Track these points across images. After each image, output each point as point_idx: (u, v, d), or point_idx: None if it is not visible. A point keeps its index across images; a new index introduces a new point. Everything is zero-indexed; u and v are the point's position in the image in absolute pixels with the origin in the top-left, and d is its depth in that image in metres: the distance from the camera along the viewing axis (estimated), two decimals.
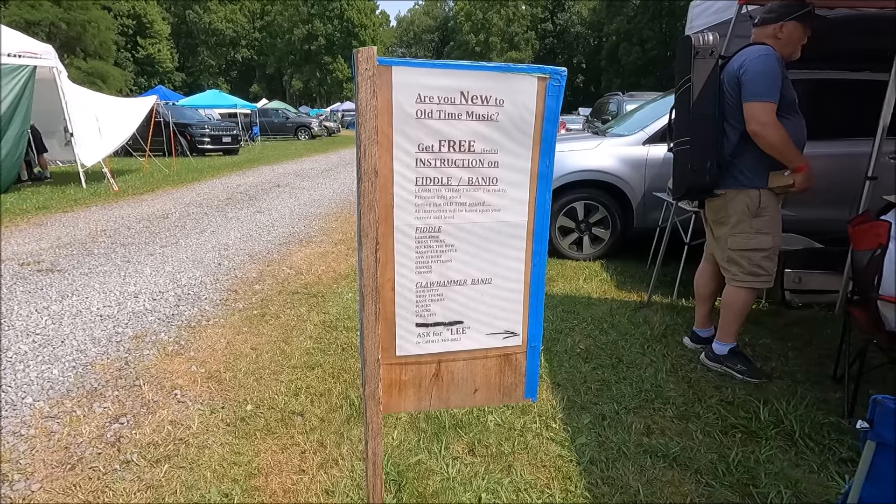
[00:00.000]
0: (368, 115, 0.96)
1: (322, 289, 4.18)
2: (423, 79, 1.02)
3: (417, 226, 1.10)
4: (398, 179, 1.06)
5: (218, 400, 2.59)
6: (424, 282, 1.14)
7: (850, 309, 2.54)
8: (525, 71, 1.06)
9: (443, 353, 1.18)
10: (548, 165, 1.12)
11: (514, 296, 1.19)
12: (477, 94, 1.05)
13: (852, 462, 2.10)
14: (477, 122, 1.07)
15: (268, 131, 24.04)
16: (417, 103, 1.04)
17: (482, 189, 1.11)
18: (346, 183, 10.44)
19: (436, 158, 1.08)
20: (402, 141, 1.05)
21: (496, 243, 1.15)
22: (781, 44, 2.52)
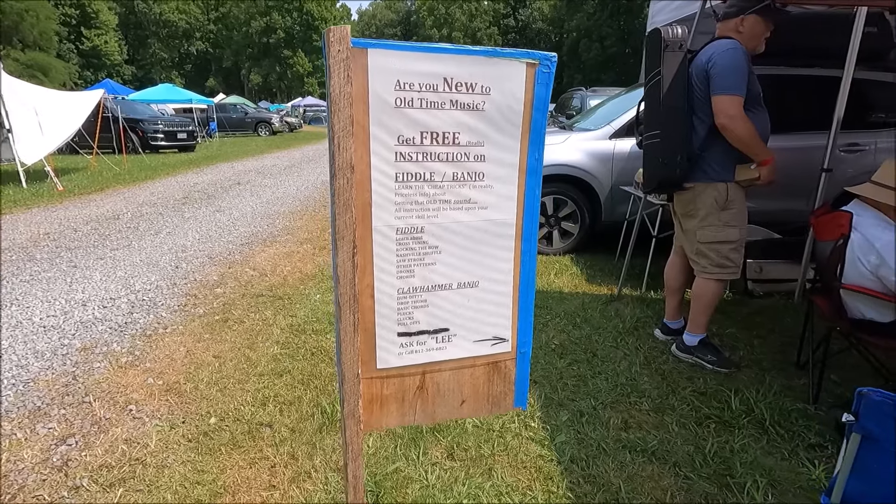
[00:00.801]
0: (342, 103, 0.86)
1: (288, 290, 4.00)
2: (403, 63, 0.92)
3: (398, 226, 1.01)
4: (376, 175, 0.96)
5: (178, 414, 2.42)
6: (406, 287, 1.04)
7: (813, 297, 2.59)
8: (513, 56, 0.97)
9: (427, 364, 1.09)
10: (537, 159, 1.04)
11: (502, 299, 1.11)
12: (462, 80, 0.96)
13: (820, 447, 2.15)
14: (461, 112, 0.98)
15: (226, 127, 23.20)
16: (396, 90, 0.94)
17: (468, 185, 1.03)
18: (309, 180, 10.15)
19: (417, 152, 0.98)
20: (379, 132, 0.95)
21: (483, 244, 1.07)
22: (745, 38, 2.54)
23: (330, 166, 0.88)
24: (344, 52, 0.83)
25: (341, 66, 0.84)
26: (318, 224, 6.30)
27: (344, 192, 0.89)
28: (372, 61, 0.90)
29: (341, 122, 0.86)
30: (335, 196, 0.89)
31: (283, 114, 28.50)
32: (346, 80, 0.85)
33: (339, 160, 0.87)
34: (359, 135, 0.92)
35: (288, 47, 53.88)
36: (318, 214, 6.84)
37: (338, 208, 0.90)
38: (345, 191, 0.89)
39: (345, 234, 0.91)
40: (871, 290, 2.12)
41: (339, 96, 0.85)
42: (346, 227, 0.91)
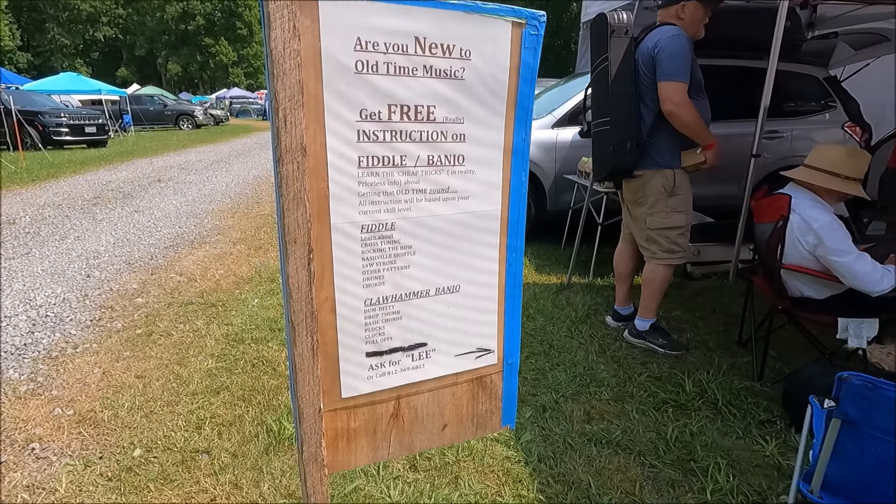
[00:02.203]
0: (288, 63, 0.65)
1: (222, 296, 3.63)
2: (364, 16, 0.72)
3: (363, 223, 0.81)
4: (334, 160, 0.76)
5: (94, 449, 2.07)
6: (375, 297, 0.85)
7: (753, 278, 2.67)
8: (497, 13, 0.80)
9: (403, 387, 0.90)
10: (524, 139, 0.88)
11: (487, 304, 0.95)
12: (437, 41, 0.78)
13: (770, 423, 2.20)
14: (437, 81, 0.80)
15: (142, 120, 21.40)
16: (357, 51, 0.74)
17: (445, 170, 0.85)
18: (240, 175, 9.50)
19: (384, 130, 0.79)
20: (336, 105, 0.74)
21: (465, 240, 0.90)
22: (686, 24, 2.55)
23: (274, 148, 0.67)
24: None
25: (285, 13, 0.63)
26: (252, 222, 5.85)
27: (294, 180, 0.69)
28: (325, 12, 0.69)
29: (287, 90, 0.65)
30: (282, 186, 0.68)
31: (208, 106, 26.73)
32: (291, 32, 0.64)
33: (286, 139, 0.66)
34: (310, 106, 0.71)
35: (209, 35, 50.60)
36: (251, 212, 6.37)
37: (286, 202, 0.69)
38: (295, 179, 0.69)
39: (297, 235, 0.70)
40: (810, 269, 2.17)
41: (284, 54, 0.64)
42: (299, 227, 0.70)
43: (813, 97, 4.57)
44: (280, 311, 3.22)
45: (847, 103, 4.49)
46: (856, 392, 1.39)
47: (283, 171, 0.68)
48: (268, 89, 0.68)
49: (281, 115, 0.66)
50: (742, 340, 2.97)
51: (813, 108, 4.57)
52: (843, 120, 4.47)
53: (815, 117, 4.52)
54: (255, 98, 36.40)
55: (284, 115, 0.66)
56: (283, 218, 0.70)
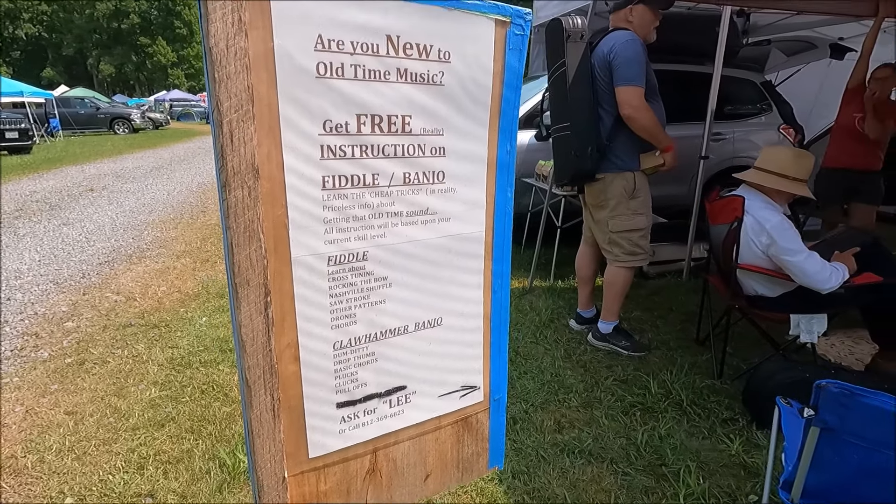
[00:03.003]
0: (232, 65, 0.52)
1: (165, 316, 3.35)
2: (327, 9, 0.60)
3: (330, 254, 0.69)
4: (293, 181, 0.63)
5: (16, 499, 1.81)
6: (346, 339, 0.73)
7: (708, 278, 2.72)
8: (480, 9, 0.70)
9: (380, 438, 0.78)
10: (508, 151, 0.78)
11: (472, 337, 0.84)
12: (412, 41, 0.66)
13: (732, 421, 2.23)
14: (413, 86, 0.69)
15: (72, 124, 19.93)
16: (319, 51, 0.61)
17: (424, 189, 0.73)
18: (183, 182, 8.97)
19: (353, 144, 0.67)
20: (295, 115, 0.62)
21: (446, 267, 0.79)
22: (635, 27, 2.57)
23: (218, 171, 0.54)
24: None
25: (227, 3, 0.50)
26: (198, 233, 5.49)
27: (245, 209, 0.55)
28: (278, 3, 0.57)
29: (234, 98, 0.52)
30: (230, 217, 0.55)
31: (146, 109, 25.29)
32: (236, 26, 0.51)
33: (233, 159, 0.53)
34: (262, 118, 0.58)
35: (145, 34, 47.98)
36: (196, 222, 5.99)
37: (236, 236, 0.56)
38: (246, 208, 0.55)
39: (249, 275, 0.57)
40: (764, 269, 2.22)
41: (227, 54, 0.51)
42: (252, 266, 0.57)
43: (751, 101, 4.77)
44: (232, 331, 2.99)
45: (781, 106, 4.72)
46: (834, 399, 1.38)
47: (231, 198, 0.54)
48: (208, 97, 0.55)
49: (226, 130, 0.53)
50: (700, 338, 3.02)
51: (751, 111, 4.77)
52: (778, 122, 4.68)
53: (754, 120, 4.72)
54: (198, 100, 34.84)
55: (230, 130, 0.53)
56: (231, 255, 0.56)
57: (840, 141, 3.41)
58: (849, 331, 2.86)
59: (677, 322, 3.31)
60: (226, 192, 0.55)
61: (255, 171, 0.57)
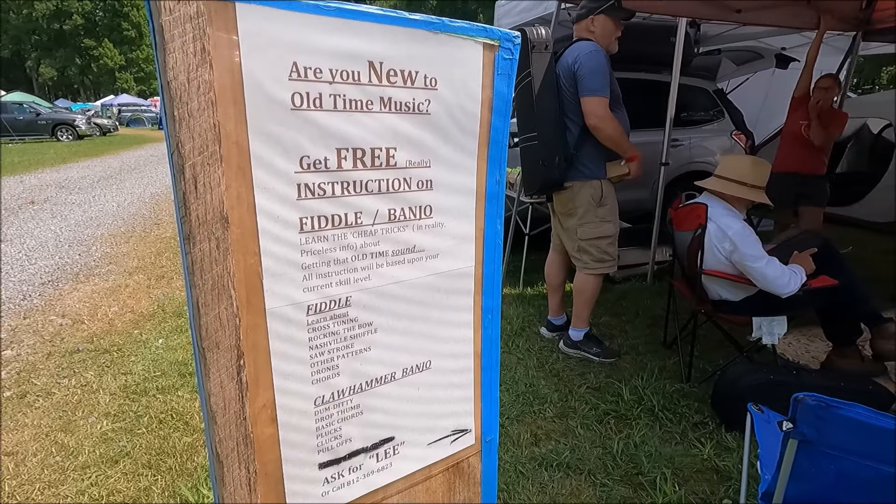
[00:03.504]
0: (195, 101, 0.45)
1: (117, 339, 3.13)
2: (303, 33, 0.54)
3: (310, 302, 0.62)
4: (267, 226, 0.56)
5: None
6: (329, 393, 0.66)
7: (674, 283, 2.77)
8: (467, 32, 0.65)
9: (367, 495, 0.71)
10: (498, 181, 0.73)
11: (462, 378, 0.79)
12: (397, 67, 0.61)
13: (703, 425, 2.26)
14: (398, 116, 0.63)
15: (9, 131, 18.72)
16: (294, 80, 0.55)
17: (410, 226, 0.67)
18: (135, 193, 8.53)
19: (333, 181, 0.60)
20: (268, 153, 0.55)
21: (435, 307, 0.73)
22: (598, 37, 2.61)
23: (180, 221, 0.46)
24: (193, 4, 0.42)
25: (188, 28, 0.43)
26: (151, 247, 5.21)
27: (213, 264, 0.48)
28: (247, 26, 0.50)
29: (198, 138, 0.45)
30: (196, 274, 0.47)
31: (92, 114, 24.00)
32: (198, 57, 0.44)
33: (198, 209, 0.46)
34: (231, 158, 0.51)
35: (90, 36, 45.68)
36: (149, 235, 5.68)
37: (202, 295, 0.48)
38: (214, 262, 0.48)
39: (219, 337, 0.49)
40: (727, 274, 2.28)
41: (189, 88, 0.44)
42: (223, 327, 0.50)
43: (704, 108, 4.95)
44: (191, 353, 2.82)
45: (733, 113, 4.91)
46: (811, 412, 1.40)
47: (197, 252, 0.47)
48: (167, 136, 0.47)
49: (189, 175, 0.45)
50: (667, 342, 3.08)
51: (705, 118, 4.95)
52: (730, 128, 4.87)
53: (707, 126, 4.89)
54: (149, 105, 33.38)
55: (194, 175, 0.45)
56: (198, 316, 0.49)
57: (788, 147, 3.56)
58: (803, 329, 2.97)
59: (644, 326, 3.36)
60: (189, 244, 0.48)
61: (224, 219, 0.49)
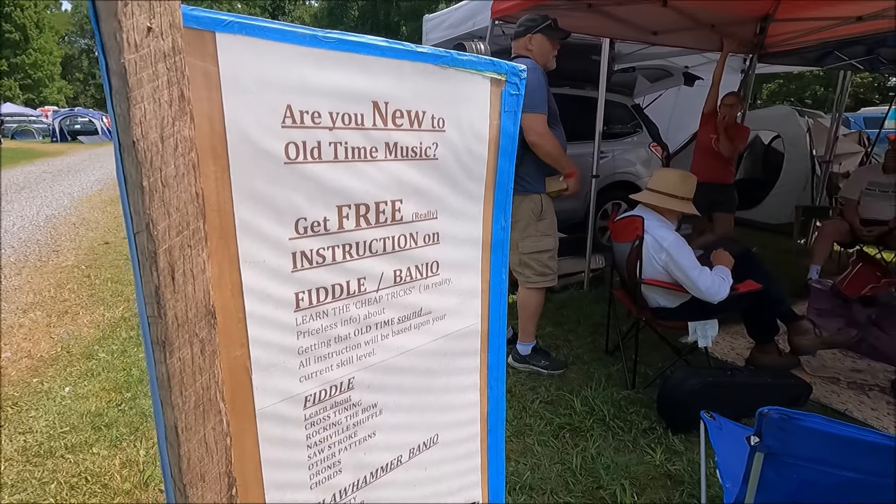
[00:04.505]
0: (172, 165, 0.33)
1: (12, 391, 2.69)
2: (298, 70, 0.43)
3: (308, 393, 0.50)
4: (256, 308, 0.44)
5: None
6: (329, 496, 0.54)
7: (614, 292, 2.86)
8: (474, 67, 0.57)
9: None
10: (503, 227, 0.66)
11: (469, 446, 0.70)
12: (403, 107, 0.51)
13: (651, 430, 2.33)
14: (404, 164, 0.53)
15: None
16: (288, 127, 0.44)
17: (417, 287, 0.58)
18: (26, 215, 7.53)
19: (334, 245, 0.50)
20: (255, 217, 0.43)
21: (441, 374, 0.64)
22: (535, 55, 2.65)
23: (148, 325, 0.34)
24: (163, 34, 0.31)
25: (160, 69, 0.31)
26: (50, 278, 4.59)
27: (197, 375, 0.36)
28: (229, 61, 0.38)
29: (174, 214, 0.33)
30: (173, 390, 0.35)
31: None
32: (176, 107, 0.32)
33: (175, 306, 0.34)
34: (212, 229, 0.39)
35: None
36: (47, 264, 5.01)
37: (182, 418, 0.35)
38: (198, 373, 0.36)
39: (206, 468, 0.37)
40: (664, 283, 2.37)
41: (161, 150, 0.32)
42: (210, 454, 0.37)
43: (624, 122, 5.24)
44: (106, 401, 2.48)
45: (650, 126, 5.24)
46: (774, 424, 1.46)
47: (174, 363, 0.35)
48: (125, 214, 0.35)
49: (164, 264, 0.33)
50: (609, 350, 3.16)
51: (625, 131, 5.24)
52: (647, 141, 5.19)
53: (628, 139, 5.18)
54: (39, 116, 30.02)
55: (171, 264, 0.33)
56: (176, 444, 0.36)
57: (700, 158, 3.81)
58: (727, 328, 3.17)
59: (587, 334, 3.43)
60: (164, 353, 0.35)
61: (211, 314, 0.38)
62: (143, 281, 0.35)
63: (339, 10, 34.99)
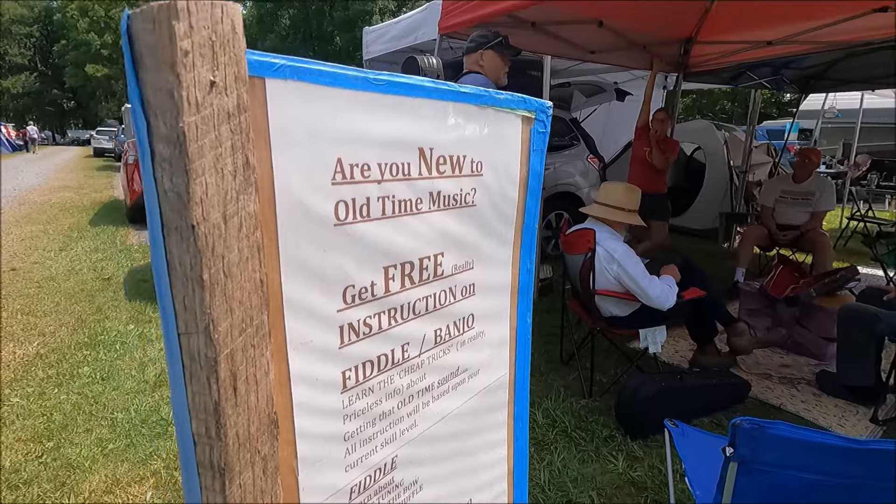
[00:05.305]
0: (235, 249, 0.26)
1: None
2: (349, 118, 0.37)
3: (353, 483, 0.43)
4: (304, 397, 0.37)
5: None
6: None
7: (567, 303, 2.93)
8: (508, 105, 0.52)
9: None
10: (529, 269, 0.62)
11: (497, 500, 0.65)
12: (446, 152, 0.46)
13: (612, 439, 2.38)
14: (445, 214, 0.48)
15: None
16: (338, 184, 0.37)
17: (454, 345, 0.53)
18: None
19: (380, 311, 0.43)
20: (303, 292, 0.36)
21: (475, 434, 0.58)
22: (486, 71, 2.67)
23: (195, 448, 0.26)
24: (232, 86, 0.24)
25: (223, 133, 0.24)
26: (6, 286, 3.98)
27: (259, 497, 0.28)
28: (278, 111, 0.31)
29: (238, 309, 0.26)
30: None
31: None
32: (240, 176, 0.25)
33: (237, 424, 0.26)
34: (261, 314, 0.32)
35: None
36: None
37: None
38: (260, 494, 0.29)
39: None
40: (616, 293, 2.45)
41: (224, 231, 0.25)
42: None
43: (563, 135, 5.44)
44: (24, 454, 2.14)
45: (587, 139, 5.47)
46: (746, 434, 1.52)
47: (233, 494, 0.27)
48: (167, 302, 0.27)
49: (225, 373, 0.26)
50: (564, 359, 3.20)
51: (564, 144, 5.44)
52: (585, 153, 5.42)
53: (567, 152, 5.38)
54: None
55: (233, 371, 0.26)
56: None
57: (636, 170, 4.01)
58: (670, 331, 3.35)
59: (541, 344, 3.46)
60: (222, 482, 0.28)
61: (274, 424, 0.30)
62: (191, 393, 0.27)
63: (270, 18, 33.64)
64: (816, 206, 3.38)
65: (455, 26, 2.87)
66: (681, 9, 2.97)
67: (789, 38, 3.05)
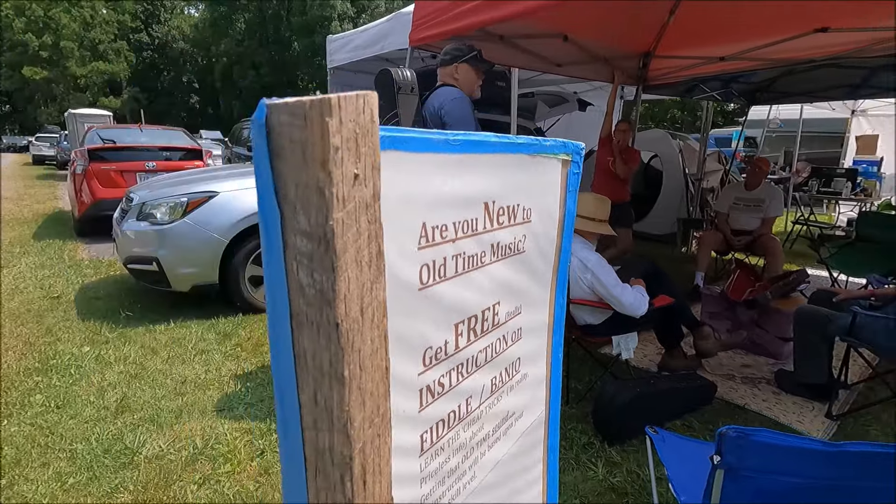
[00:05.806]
0: (368, 341, 0.25)
1: None
2: (432, 181, 0.36)
3: None
4: (397, 469, 0.36)
5: None
6: None
7: None
8: (553, 151, 0.53)
9: None
10: (562, 306, 0.63)
11: None
12: (504, 203, 0.46)
13: (590, 445, 2.43)
14: (502, 264, 0.48)
15: None
16: (423, 248, 0.36)
17: (505, 391, 0.52)
18: None
19: (450, 369, 0.43)
20: (396, 364, 0.35)
21: (517, 477, 0.58)
22: (461, 84, 2.69)
23: None
24: (370, 176, 0.23)
25: (362, 224, 0.23)
26: None
27: None
28: (393, 182, 0.31)
29: (369, 402, 0.25)
30: None
31: None
32: (373, 266, 0.24)
33: None
34: None
35: None
36: None
37: None
38: None
39: None
40: (590, 301, 2.52)
41: (361, 324, 0.24)
42: None
43: None
44: None
45: None
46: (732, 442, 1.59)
47: None
48: (290, 401, 0.25)
49: (358, 469, 0.24)
50: None
51: None
52: None
53: None
54: None
55: (363, 465, 0.25)
56: None
57: (600, 178, 4.14)
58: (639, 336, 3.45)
59: None
60: None
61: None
62: (315, 489, 0.26)
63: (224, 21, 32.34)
64: (767, 212, 3.59)
65: (427, 39, 2.87)
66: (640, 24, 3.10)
67: (740, 54, 3.23)
